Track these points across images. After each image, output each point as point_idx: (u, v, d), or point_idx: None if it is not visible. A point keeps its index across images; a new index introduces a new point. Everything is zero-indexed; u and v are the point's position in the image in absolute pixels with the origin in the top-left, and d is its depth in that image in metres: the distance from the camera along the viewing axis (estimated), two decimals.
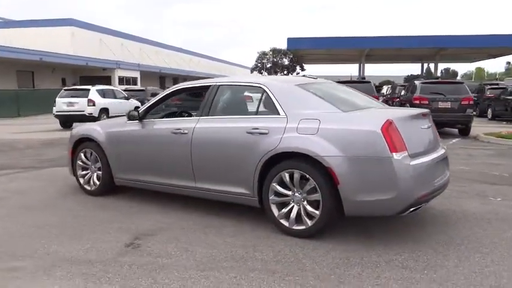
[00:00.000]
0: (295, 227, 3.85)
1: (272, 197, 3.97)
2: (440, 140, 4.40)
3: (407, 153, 3.54)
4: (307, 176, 3.73)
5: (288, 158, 3.85)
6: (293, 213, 3.86)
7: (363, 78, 19.20)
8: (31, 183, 6.30)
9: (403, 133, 3.60)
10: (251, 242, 3.78)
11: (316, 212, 3.72)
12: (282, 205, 3.97)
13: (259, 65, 76.50)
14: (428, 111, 4.26)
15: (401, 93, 17.37)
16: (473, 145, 10.56)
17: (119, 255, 3.54)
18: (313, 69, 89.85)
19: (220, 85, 4.61)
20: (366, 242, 3.76)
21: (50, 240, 3.93)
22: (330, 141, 3.64)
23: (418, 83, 13.63)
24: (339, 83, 5.31)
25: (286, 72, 74.64)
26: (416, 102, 12.45)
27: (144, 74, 42.21)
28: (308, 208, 3.77)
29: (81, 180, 5.62)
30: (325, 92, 4.27)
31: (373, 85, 15.07)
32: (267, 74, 73.81)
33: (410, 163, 3.52)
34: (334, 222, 3.88)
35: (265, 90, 4.22)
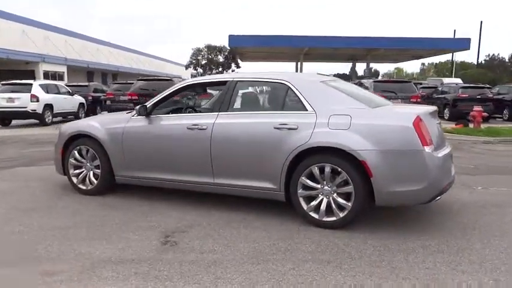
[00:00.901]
0: (326, 219, 3.99)
1: (300, 190, 4.07)
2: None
3: (434, 147, 3.83)
4: (339, 170, 3.88)
5: (318, 153, 3.98)
6: (323, 206, 3.99)
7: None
8: (9, 184, 5.81)
9: (428, 128, 3.89)
10: (286, 235, 3.85)
11: (347, 204, 3.89)
12: (309, 198, 4.08)
13: (194, 61, 75.73)
14: (437, 109, 4.60)
15: None
16: None
17: (160, 253, 3.45)
18: (250, 67, 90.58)
19: (239, 81, 4.62)
20: (393, 230, 3.98)
21: (75, 241, 3.71)
22: (363, 135, 3.82)
23: (371, 81, 14.42)
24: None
25: (221, 69, 74.64)
26: None
27: (71, 68, 39.82)
28: (339, 200, 3.93)
29: (74, 179, 5.31)
30: (344, 89, 4.45)
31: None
32: (202, 71, 73.25)
33: (438, 155, 3.81)
34: (364, 213, 4.08)
35: (289, 87, 4.30)
